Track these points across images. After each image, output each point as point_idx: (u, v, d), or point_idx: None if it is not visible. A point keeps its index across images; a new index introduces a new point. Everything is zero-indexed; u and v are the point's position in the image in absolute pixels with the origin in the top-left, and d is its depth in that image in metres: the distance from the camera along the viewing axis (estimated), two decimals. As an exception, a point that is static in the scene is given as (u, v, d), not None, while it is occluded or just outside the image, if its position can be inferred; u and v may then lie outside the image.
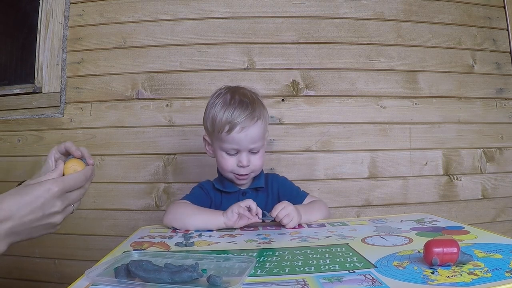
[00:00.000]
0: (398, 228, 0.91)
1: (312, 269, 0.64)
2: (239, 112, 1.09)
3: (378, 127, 1.77)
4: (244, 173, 1.14)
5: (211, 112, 1.14)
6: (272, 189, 1.23)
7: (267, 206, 1.08)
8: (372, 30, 1.79)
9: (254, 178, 1.21)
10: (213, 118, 1.12)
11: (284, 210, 1.02)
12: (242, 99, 1.12)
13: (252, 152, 1.13)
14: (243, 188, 1.20)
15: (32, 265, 1.69)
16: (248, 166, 1.12)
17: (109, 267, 0.65)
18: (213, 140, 1.16)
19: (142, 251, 0.78)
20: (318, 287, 0.55)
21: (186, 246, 0.83)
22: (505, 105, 1.86)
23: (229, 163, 1.13)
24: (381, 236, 0.85)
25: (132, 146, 1.72)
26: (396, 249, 0.73)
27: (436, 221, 0.99)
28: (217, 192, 1.20)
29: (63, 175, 0.74)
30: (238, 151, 1.12)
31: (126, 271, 0.60)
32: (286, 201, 1.05)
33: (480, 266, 0.60)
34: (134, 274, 0.59)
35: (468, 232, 0.84)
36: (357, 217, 1.71)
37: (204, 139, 1.21)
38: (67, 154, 0.83)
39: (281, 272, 0.63)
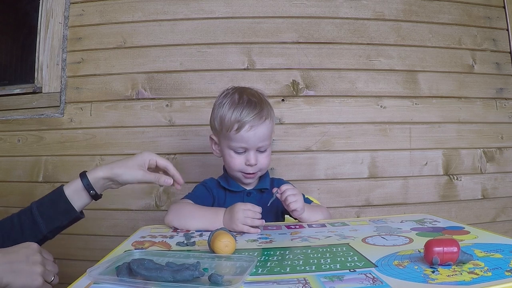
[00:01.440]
0: (399, 228, 0.92)
1: (313, 268, 0.64)
2: (248, 111, 1.10)
3: (378, 127, 1.77)
4: (251, 172, 1.14)
5: (219, 112, 1.14)
6: None
7: (271, 208, 1.08)
8: (372, 30, 1.79)
9: (260, 179, 1.21)
10: (221, 117, 1.13)
11: (290, 190, 1.04)
12: (251, 99, 1.13)
13: (259, 151, 1.14)
14: (248, 188, 1.20)
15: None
16: (255, 164, 1.13)
17: (110, 265, 0.65)
18: (220, 139, 1.17)
19: (144, 250, 0.78)
20: (319, 286, 0.55)
21: (187, 245, 0.83)
22: (505, 105, 1.87)
23: (237, 161, 1.14)
24: (382, 236, 0.85)
25: (132, 146, 1.72)
26: (396, 249, 0.73)
27: (436, 221, 0.99)
28: (221, 190, 1.20)
29: (213, 249, 0.73)
30: (246, 150, 1.13)
31: (128, 269, 0.60)
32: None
33: (480, 265, 0.60)
34: (136, 272, 0.59)
35: (468, 232, 0.84)
36: (357, 217, 1.71)
37: (211, 138, 1.21)
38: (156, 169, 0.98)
39: (282, 271, 0.63)
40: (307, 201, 1.25)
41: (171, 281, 0.56)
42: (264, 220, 1.01)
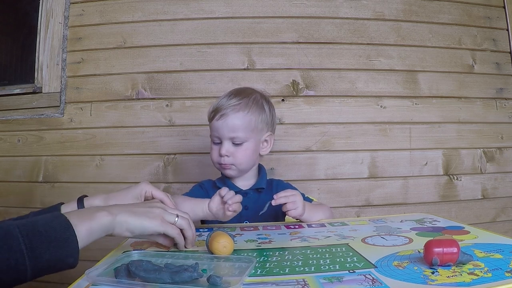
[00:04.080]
0: (398, 228, 0.91)
1: (312, 269, 0.64)
2: (225, 100, 1.14)
3: (378, 127, 1.77)
4: (223, 163, 1.14)
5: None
6: (277, 192, 1.23)
7: (269, 208, 1.08)
8: (372, 30, 1.79)
9: (257, 179, 1.21)
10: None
11: (293, 197, 1.03)
12: (234, 92, 1.16)
13: (234, 143, 1.13)
14: (244, 189, 1.20)
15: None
16: (227, 156, 1.13)
17: (109, 267, 0.65)
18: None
19: (142, 251, 0.78)
20: (318, 287, 0.55)
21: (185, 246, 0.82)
22: (505, 105, 1.86)
23: (214, 152, 1.16)
24: (381, 236, 0.85)
25: (132, 146, 1.72)
26: (396, 249, 0.73)
27: (436, 221, 0.99)
28: (216, 190, 1.20)
29: (211, 250, 0.73)
30: (220, 140, 1.14)
31: (127, 271, 0.60)
32: (296, 191, 1.07)
33: (480, 266, 0.60)
34: (134, 274, 0.59)
35: (468, 232, 0.84)
36: (357, 217, 1.71)
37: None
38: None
39: (281, 272, 0.63)
40: (307, 199, 1.24)
41: (170, 282, 0.56)
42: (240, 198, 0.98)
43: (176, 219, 0.75)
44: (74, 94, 1.76)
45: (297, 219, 1.10)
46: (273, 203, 1.02)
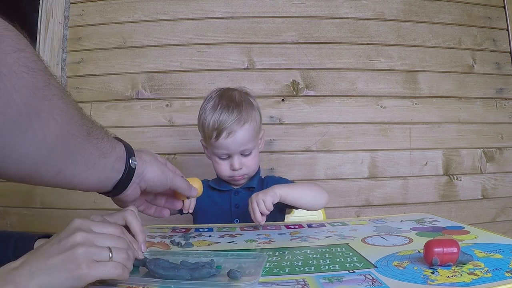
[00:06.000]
0: (398, 228, 0.91)
1: (312, 269, 0.64)
2: (224, 117, 1.08)
3: (378, 127, 1.77)
4: (238, 175, 1.15)
5: (201, 118, 1.15)
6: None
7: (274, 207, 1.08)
8: (372, 30, 1.79)
9: (250, 178, 1.22)
10: (202, 124, 1.13)
11: (254, 203, 0.98)
12: (228, 104, 1.11)
13: (243, 154, 1.13)
14: (235, 187, 1.21)
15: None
16: (240, 168, 1.13)
17: None
18: (207, 145, 1.18)
19: (151, 249, 0.78)
20: (318, 287, 0.55)
21: (183, 247, 0.81)
22: (505, 105, 1.86)
23: (223, 167, 1.14)
24: (381, 236, 0.85)
25: (132, 146, 1.71)
26: (396, 249, 0.73)
27: (436, 221, 0.99)
28: (208, 190, 1.20)
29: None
30: (229, 155, 1.13)
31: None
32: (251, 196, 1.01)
33: (480, 266, 0.60)
34: (153, 272, 0.58)
35: (468, 232, 0.84)
36: (357, 217, 1.71)
37: (201, 143, 1.22)
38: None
39: (281, 272, 0.63)
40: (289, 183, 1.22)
41: (189, 279, 0.57)
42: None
43: (110, 254, 0.54)
44: (74, 94, 1.73)
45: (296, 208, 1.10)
46: (262, 224, 0.99)
